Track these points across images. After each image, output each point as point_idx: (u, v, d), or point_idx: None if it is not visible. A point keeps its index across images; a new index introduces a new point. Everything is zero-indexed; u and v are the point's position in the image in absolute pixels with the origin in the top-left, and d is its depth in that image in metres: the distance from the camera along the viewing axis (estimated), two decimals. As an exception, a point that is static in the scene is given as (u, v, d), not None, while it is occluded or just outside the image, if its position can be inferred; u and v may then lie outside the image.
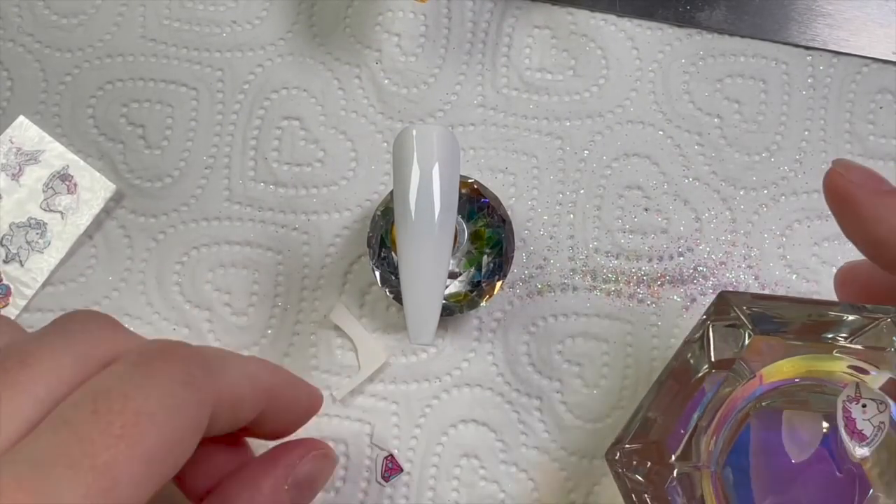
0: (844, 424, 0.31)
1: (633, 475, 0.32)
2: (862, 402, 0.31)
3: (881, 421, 0.30)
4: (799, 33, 0.42)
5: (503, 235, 0.37)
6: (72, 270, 0.40)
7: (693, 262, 0.40)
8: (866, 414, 0.31)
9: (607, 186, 0.41)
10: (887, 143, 0.41)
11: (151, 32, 0.42)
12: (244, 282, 0.40)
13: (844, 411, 0.31)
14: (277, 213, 0.40)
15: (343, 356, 0.39)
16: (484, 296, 0.37)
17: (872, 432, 0.31)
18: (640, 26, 0.42)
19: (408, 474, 0.38)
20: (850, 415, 0.31)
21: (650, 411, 0.33)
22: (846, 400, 0.31)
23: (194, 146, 0.41)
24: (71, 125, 0.41)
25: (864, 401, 0.31)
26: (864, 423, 0.31)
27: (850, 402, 0.31)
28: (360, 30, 0.42)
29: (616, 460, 0.32)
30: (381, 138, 0.41)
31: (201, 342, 0.39)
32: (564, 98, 0.41)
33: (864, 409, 0.31)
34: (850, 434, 0.31)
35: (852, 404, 0.31)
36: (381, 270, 0.37)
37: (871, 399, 0.30)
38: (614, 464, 0.32)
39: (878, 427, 0.30)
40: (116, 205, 0.40)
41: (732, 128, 0.41)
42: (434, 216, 0.29)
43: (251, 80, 0.41)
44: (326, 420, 0.39)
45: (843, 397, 0.31)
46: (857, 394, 0.31)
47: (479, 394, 0.39)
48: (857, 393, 0.31)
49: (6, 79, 0.41)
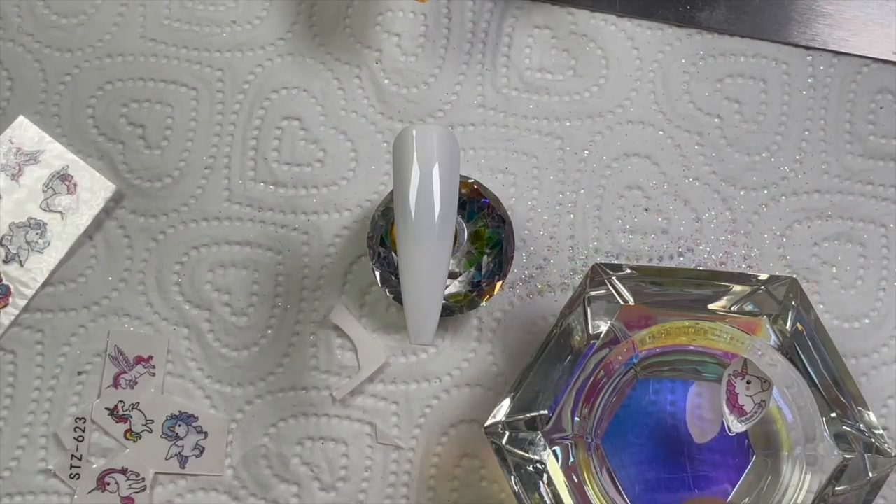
0: (727, 398, 0.31)
1: (513, 448, 0.32)
2: (747, 378, 0.31)
3: (762, 399, 0.31)
4: (799, 33, 0.42)
5: (503, 235, 0.37)
6: (72, 270, 0.40)
7: (693, 262, 0.40)
8: (749, 390, 0.31)
9: (607, 186, 0.41)
10: (887, 143, 0.41)
11: (151, 32, 0.42)
12: (244, 282, 0.40)
13: (728, 385, 0.31)
14: (277, 213, 0.40)
15: (343, 356, 0.39)
16: (484, 296, 0.37)
17: (752, 409, 0.31)
18: (640, 26, 0.42)
19: (407, 474, 0.38)
20: (734, 389, 0.31)
21: (528, 384, 0.33)
22: (732, 374, 0.31)
23: (194, 146, 0.41)
24: (71, 125, 0.41)
25: (749, 377, 0.31)
26: (746, 398, 0.31)
27: (735, 377, 0.31)
28: (360, 30, 0.42)
29: (496, 433, 0.32)
30: (381, 138, 0.41)
31: (201, 342, 0.39)
32: (564, 98, 0.41)
33: (748, 385, 0.31)
34: (731, 408, 0.31)
35: (737, 379, 0.31)
36: (381, 270, 0.37)
37: (755, 377, 0.31)
38: (494, 436, 0.32)
39: (759, 405, 0.31)
40: (116, 205, 0.40)
41: (732, 128, 0.41)
42: (434, 216, 0.29)
43: (251, 80, 0.41)
44: (326, 420, 0.39)
45: (730, 371, 0.31)
46: (743, 369, 0.31)
47: (479, 394, 0.39)
48: (744, 369, 0.31)
49: (6, 79, 0.41)
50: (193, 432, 0.39)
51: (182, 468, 0.38)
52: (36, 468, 0.38)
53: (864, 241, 0.40)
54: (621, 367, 0.33)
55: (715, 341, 0.33)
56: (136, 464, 0.38)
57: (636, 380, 0.33)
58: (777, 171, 0.41)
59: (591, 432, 0.32)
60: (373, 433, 0.39)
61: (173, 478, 0.39)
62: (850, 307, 0.40)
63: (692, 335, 0.33)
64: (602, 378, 0.32)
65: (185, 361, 0.39)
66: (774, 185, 0.41)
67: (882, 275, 0.40)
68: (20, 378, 0.39)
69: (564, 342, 0.33)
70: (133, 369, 0.39)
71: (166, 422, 0.39)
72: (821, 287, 0.40)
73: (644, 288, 0.33)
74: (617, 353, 0.32)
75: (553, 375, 0.32)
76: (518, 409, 0.33)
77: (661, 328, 0.33)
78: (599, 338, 0.32)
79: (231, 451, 0.39)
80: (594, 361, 0.32)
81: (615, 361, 0.33)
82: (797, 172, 0.41)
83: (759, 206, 0.40)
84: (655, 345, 0.33)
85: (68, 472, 0.38)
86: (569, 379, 0.32)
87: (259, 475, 0.38)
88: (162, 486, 0.39)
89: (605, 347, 0.32)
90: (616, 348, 0.32)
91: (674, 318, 0.32)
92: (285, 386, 0.39)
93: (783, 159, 0.41)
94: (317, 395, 0.39)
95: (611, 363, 0.32)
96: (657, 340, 0.33)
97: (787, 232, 0.40)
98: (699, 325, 0.32)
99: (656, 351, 0.34)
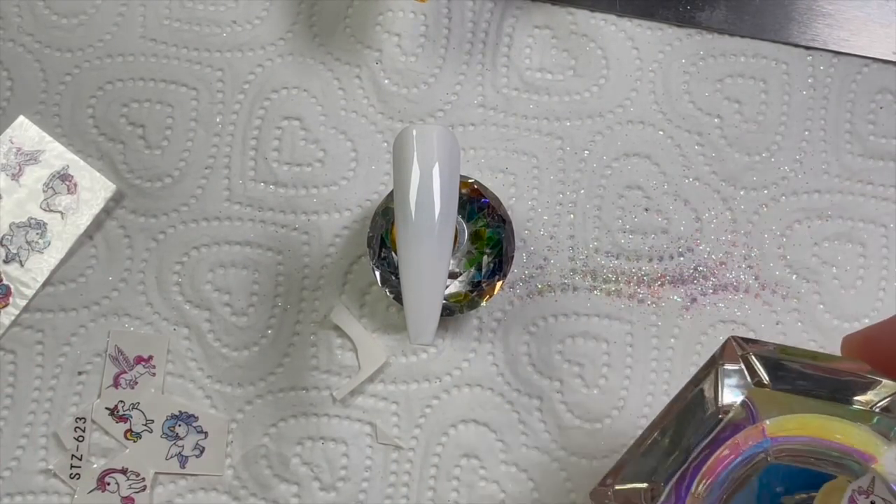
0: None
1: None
2: (871, 498, 0.29)
3: None
4: (799, 33, 0.42)
5: (503, 235, 0.37)
6: (72, 270, 0.40)
7: (693, 262, 0.40)
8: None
9: (607, 186, 0.41)
10: (887, 143, 0.41)
11: (151, 32, 0.42)
12: (244, 282, 0.40)
13: (850, 501, 0.29)
14: (277, 213, 0.40)
15: (343, 356, 0.39)
16: (484, 296, 0.37)
17: None
18: (641, 26, 0.42)
19: (408, 474, 0.38)
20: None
21: (643, 453, 0.31)
22: (856, 490, 0.29)
23: (194, 146, 0.41)
24: (71, 125, 0.41)
25: (874, 498, 0.28)
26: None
27: (858, 494, 0.29)
28: (360, 30, 0.42)
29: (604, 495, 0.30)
30: (381, 138, 0.41)
31: (201, 342, 0.39)
32: (564, 98, 0.41)
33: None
34: None
35: (860, 497, 0.29)
36: (381, 270, 0.37)
37: (882, 499, 0.28)
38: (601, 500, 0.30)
39: None
40: (116, 205, 0.40)
41: (733, 128, 0.41)
42: (434, 216, 0.29)
43: (251, 80, 0.41)
44: (326, 420, 0.39)
45: (855, 487, 0.29)
46: (869, 488, 0.29)
47: (479, 394, 0.39)
48: (870, 487, 0.29)
49: (6, 79, 0.41)
50: (194, 432, 0.39)
51: (182, 468, 0.38)
52: (36, 468, 0.38)
53: (864, 241, 0.40)
54: (750, 449, 0.31)
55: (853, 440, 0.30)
56: (137, 464, 0.38)
57: (767, 464, 0.31)
58: (777, 171, 0.41)
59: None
60: (373, 433, 0.39)
61: (173, 478, 0.39)
62: (850, 307, 0.40)
63: (829, 431, 0.30)
64: (728, 456, 0.31)
65: (185, 361, 0.39)
66: (774, 185, 0.41)
67: (882, 275, 0.40)
68: (20, 378, 0.39)
69: (694, 410, 0.31)
70: (133, 369, 0.39)
71: (166, 422, 0.39)
72: (821, 287, 0.40)
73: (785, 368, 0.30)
74: (746, 436, 0.30)
75: (679, 444, 0.30)
76: (632, 477, 0.31)
77: (796, 419, 0.30)
78: (729, 413, 0.30)
79: (231, 451, 0.39)
80: (721, 438, 0.29)
81: (743, 443, 0.31)
82: (797, 172, 0.41)
83: (759, 206, 0.40)
84: (788, 434, 0.31)
85: (68, 472, 0.38)
86: (689, 454, 0.30)
87: (259, 475, 0.38)
88: (162, 485, 0.39)
89: (734, 425, 0.30)
90: (746, 430, 0.30)
91: (811, 409, 0.30)
92: (285, 386, 0.39)
93: (783, 159, 0.41)
94: (317, 395, 0.39)
95: (739, 444, 0.30)
96: (790, 431, 0.30)
97: (787, 232, 0.40)
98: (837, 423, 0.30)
99: (792, 439, 0.31)
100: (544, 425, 0.39)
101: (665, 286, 0.40)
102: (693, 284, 0.40)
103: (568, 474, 0.38)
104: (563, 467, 0.38)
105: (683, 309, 0.39)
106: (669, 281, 0.40)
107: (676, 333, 0.39)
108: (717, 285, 0.40)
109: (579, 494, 0.38)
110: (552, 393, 0.39)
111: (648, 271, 0.40)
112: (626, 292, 0.40)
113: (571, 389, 0.39)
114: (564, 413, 0.39)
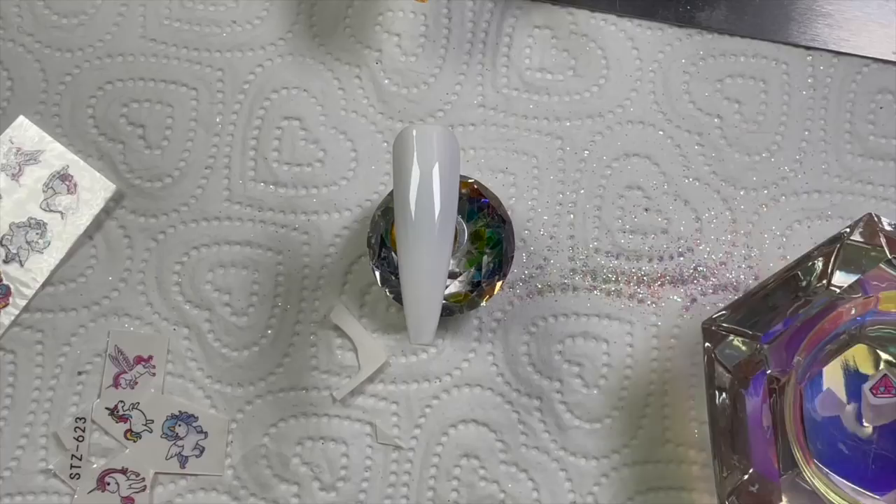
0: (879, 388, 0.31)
1: (722, 350, 0.32)
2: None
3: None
4: (799, 33, 0.42)
5: (503, 235, 0.37)
6: (72, 270, 0.40)
7: (693, 262, 0.40)
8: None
9: (607, 186, 0.41)
10: (887, 143, 0.41)
11: (151, 32, 0.42)
12: (244, 282, 0.40)
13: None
14: (277, 213, 0.40)
15: (343, 356, 0.39)
16: (484, 296, 0.37)
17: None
18: (640, 26, 0.42)
19: (408, 474, 0.38)
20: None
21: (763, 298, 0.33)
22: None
23: (194, 146, 0.41)
24: (71, 125, 0.41)
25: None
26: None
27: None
28: (360, 30, 0.42)
29: (712, 331, 0.33)
30: (381, 138, 0.41)
31: (201, 342, 0.39)
32: (564, 98, 0.41)
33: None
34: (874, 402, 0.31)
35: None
36: (381, 270, 0.37)
37: None
38: (709, 334, 0.33)
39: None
40: (116, 205, 0.40)
41: (732, 128, 0.41)
42: (434, 216, 0.29)
43: (251, 80, 0.41)
44: (326, 420, 0.39)
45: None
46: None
47: (479, 394, 0.39)
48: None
49: (6, 79, 0.41)
50: (193, 432, 0.39)
51: (182, 468, 0.38)
52: (36, 468, 0.38)
53: (864, 241, 0.40)
54: (846, 325, 0.32)
55: None
56: (137, 464, 0.38)
57: (856, 342, 0.33)
58: (777, 171, 0.41)
59: (802, 374, 0.32)
60: (373, 433, 0.39)
61: (173, 477, 0.39)
62: (850, 307, 0.40)
63: None
64: (828, 329, 0.32)
65: (185, 361, 0.39)
66: (774, 185, 0.41)
67: (882, 275, 0.40)
68: (20, 378, 0.39)
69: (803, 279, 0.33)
70: (133, 369, 0.39)
71: (166, 422, 0.39)
72: (821, 287, 0.40)
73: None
74: (851, 307, 0.32)
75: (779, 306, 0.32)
76: (738, 321, 0.33)
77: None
78: (843, 288, 0.31)
79: (231, 451, 0.39)
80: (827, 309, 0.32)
81: (846, 313, 0.32)
82: (797, 172, 0.41)
83: (759, 206, 0.40)
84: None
85: (68, 472, 0.38)
86: (793, 317, 0.32)
87: (259, 475, 0.38)
88: (162, 485, 0.39)
89: (842, 299, 0.31)
90: (854, 301, 0.31)
91: None
92: (285, 386, 0.39)
93: (783, 159, 0.41)
94: (317, 395, 0.39)
95: (841, 314, 0.32)
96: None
97: (787, 232, 0.40)
98: None
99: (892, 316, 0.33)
100: (544, 425, 0.39)
101: (665, 286, 0.40)
102: (693, 284, 0.40)
103: (568, 474, 0.38)
104: (563, 467, 0.38)
105: (683, 309, 0.39)
106: (669, 281, 0.40)
107: (676, 333, 0.39)
108: (717, 285, 0.40)
109: (579, 494, 0.38)
110: (552, 393, 0.39)
111: (648, 271, 0.40)
112: (626, 292, 0.40)
113: (571, 389, 0.39)
114: (564, 413, 0.39)
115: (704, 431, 0.38)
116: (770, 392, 0.32)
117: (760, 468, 0.32)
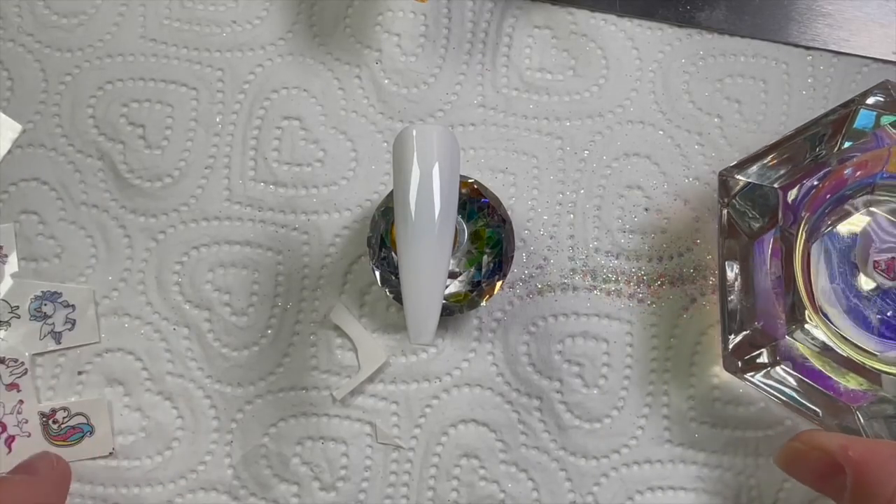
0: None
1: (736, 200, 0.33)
2: None
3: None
4: (799, 33, 0.42)
5: (503, 235, 0.37)
6: (72, 270, 0.40)
7: (693, 262, 0.40)
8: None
9: (607, 186, 0.41)
10: (887, 143, 0.41)
11: (151, 32, 0.42)
12: (244, 282, 0.40)
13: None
14: (277, 213, 0.40)
15: (343, 356, 0.39)
16: (484, 296, 0.37)
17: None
18: (641, 26, 0.42)
19: (408, 474, 0.39)
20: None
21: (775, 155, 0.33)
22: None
23: (194, 146, 0.41)
24: (71, 125, 0.41)
25: None
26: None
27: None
28: (360, 30, 0.42)
29: (725, 183, 0.33)
30: (381, 138, 0.41)
31: (201, 342, 0.39)
32: (564, 98, 0.41)
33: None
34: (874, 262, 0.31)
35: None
36: (381, 270, 0.37)
37: None
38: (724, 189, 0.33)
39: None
40: (116, 205, 0.40)
41: (733, 128, 0.41)
42: (434, 216, 0.29)
43: (251, 80, 0.41)
44: (326, 420, 0.39)
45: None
46: None
47: (479, 394, 0.39)
48: None
49: (6, 79, 0.41)
50: (61, 307, 0.39)
51: (58, 344, 0.39)
52: None
53: (864, 241, 0.40)
54: (858, 182, 0.32)
55: None
56: (12, 350, 0.39)
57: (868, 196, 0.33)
58: (777, 171, 0.41)
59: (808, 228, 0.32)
60: (373, 433, 0.39)
61: (172, 477, 0.39)
62: (850, 307, 0.40)
63: None
64: (839, 184, 0.32)
65: (185, 361, 0.39)
66: (774, 185, 0.41)
67: (882, 275, 0.40)
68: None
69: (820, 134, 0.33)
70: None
71: (31, 304, 0.39)
72: (821, 287, 0.40)
73: None
74: (865, 159, 0.32)
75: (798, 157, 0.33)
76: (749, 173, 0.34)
77: None
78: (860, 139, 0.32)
79: (231, 451, 0.39)
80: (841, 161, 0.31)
81: (859, 167, 0.32)
82: (797, 172, 0.41)
83: (759, 206, 0.40)
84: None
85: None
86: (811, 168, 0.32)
87: (259, 475, 0.38)
88: (162, 485, 0.38)
89: (859, 150, 0.31)
90: (871, 153, 0.31)
91: None
92: (285, 386, 0.39)
93: (783, 159, 0.41)
94: (317, 395, 0.39)
95: (854, 168, 0.32)
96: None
97: (787, 232, 0.40)
98: None
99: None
100: (544, 425, 0.39)
101: (665, 286, 0.40)
102: (693, 284, 0.40)
103: (568, 474, 0.38)
104: (563, 467, 0.38)
105: (683, 309, 0.39)
106: (669, 281, 0.40)
107: (676, 333, 0.39)
108: (717, 285, 0.40)
109: (579, 494, 0.38)
110: (552, 393, 0.39)
111: (648, 271, 0.40)
112: (626, 292, 0.40)
113: (571, 389, 0.39)
114: (564, 413, 0.39)
115: (705, 431, 0.38)
116: (781, 247, 0.32)
117: (766, 325, 0.32)
